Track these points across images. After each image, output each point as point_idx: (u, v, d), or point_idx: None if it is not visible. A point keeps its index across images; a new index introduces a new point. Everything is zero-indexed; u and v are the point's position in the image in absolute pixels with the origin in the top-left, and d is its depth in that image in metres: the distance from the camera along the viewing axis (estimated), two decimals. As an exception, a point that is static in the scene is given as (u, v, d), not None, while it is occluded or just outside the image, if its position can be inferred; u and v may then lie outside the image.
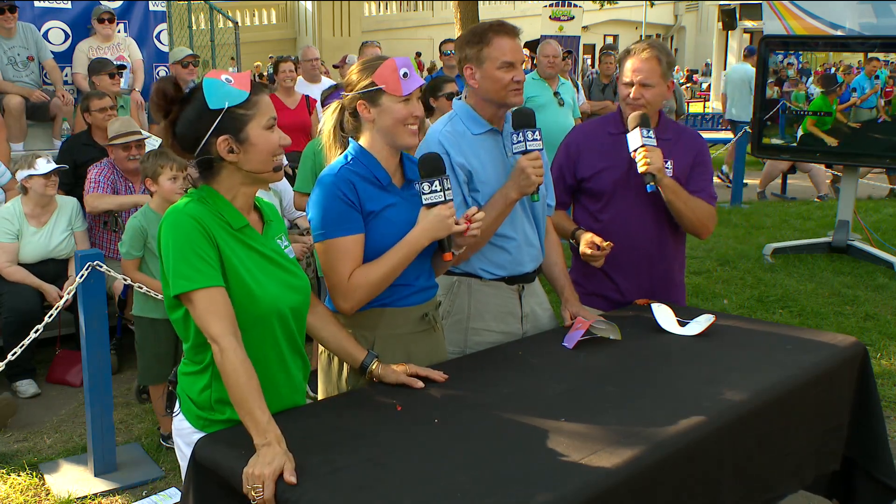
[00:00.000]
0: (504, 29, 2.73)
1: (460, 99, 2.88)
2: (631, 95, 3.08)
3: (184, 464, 2.19)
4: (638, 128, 3.02)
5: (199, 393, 2.13)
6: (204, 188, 2.11)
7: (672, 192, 3.06)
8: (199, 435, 2.10)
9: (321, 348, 2.59)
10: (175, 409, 2.23)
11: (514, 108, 2.75)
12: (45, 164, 4.84)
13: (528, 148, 2.67)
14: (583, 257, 3.09)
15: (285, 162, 3.96)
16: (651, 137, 3.01)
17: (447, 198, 2.40)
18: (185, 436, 2.18)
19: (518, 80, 2.72)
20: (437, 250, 2.49)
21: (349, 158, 2.44)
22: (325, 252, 2.40)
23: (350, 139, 2.51)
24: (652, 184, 3.01)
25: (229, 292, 2.02)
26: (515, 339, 2.85)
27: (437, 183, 2.39)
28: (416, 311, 2.54)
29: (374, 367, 2.37)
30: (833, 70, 7.14)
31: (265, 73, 17.53)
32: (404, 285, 2.49)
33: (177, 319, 2.10)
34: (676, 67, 27.90)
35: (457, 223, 2.41)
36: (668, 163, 3.10)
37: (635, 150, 3.02)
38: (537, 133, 2.68)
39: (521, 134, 2.67)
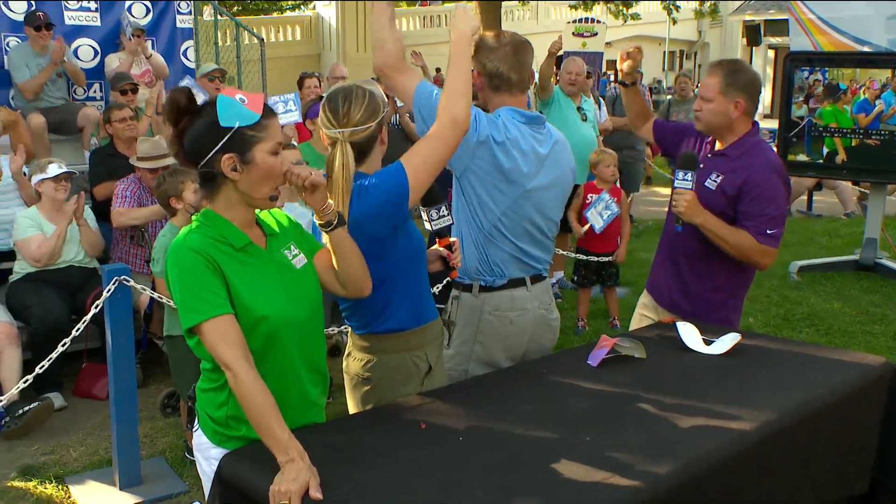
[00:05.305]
0: None
1: None
2: (694, 107, 3.28)
3: (204, 478, 2.22)
4: (681, 169, 3.12)
5: (216, 409, 2.15)
6: (205, 212, 2.13)
7: (705, 229, 3.13)
8: (218, 450, 2.13)
9: (345, 364, 2.60)
10: (195, 425, 2.25)
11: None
12: (55, 168, 4.94)
13: (434, 228, 2.63)
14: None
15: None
16: (687, 180, 3.10)
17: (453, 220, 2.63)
18: (203, 451, 2.21)
19: None
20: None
21: None
22: None
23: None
24: (679, 225, 3.16)
25: (236, 316, 2.03)
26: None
27: (443, 208, 2.58)
28: (440, 320, 2.69)
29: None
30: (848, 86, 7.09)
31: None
32: (430, 296, 2.64)
33: (194, 345, 2.12)
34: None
35: (451, 248, 2.63)
36: (716, 175, 3.19)
37: (674, 189, 3.15)
38: (444, 209, 2.61)
39: (428, 213, 2.62)
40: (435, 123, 2.45)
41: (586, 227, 5.82)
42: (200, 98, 2.11)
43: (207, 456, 2.18)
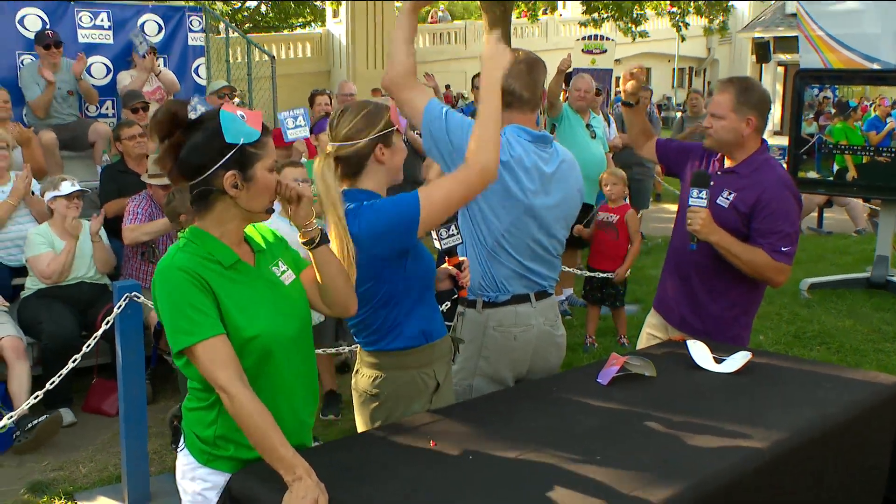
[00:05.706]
0: None
1: None
2: (704, 123, 3.28)
3: (186, 498, 2.17)
4: (694, 187, 3.12)
5: (204, 428, 2.11)
6: (191, 230, 2.10)
7: (720, 247, 3.12)
8: (204, 470, 2.11)
9: (354, 381, 2.60)
10: (180, 445, 2.22)
11: None
12: (68, 186, 4.98)
13: (444, 246, 2.65)
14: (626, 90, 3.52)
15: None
16: (701, 198, 3.10)
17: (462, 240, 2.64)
18: (188, 471, 2.16)
19: None
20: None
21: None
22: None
23: (351, 190, 2.49)
24: (693, 243, 3.14)
25: (227, 335, 2.00)
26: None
27: (452, 227, 2.59)
28: (448, 338, 2.68)
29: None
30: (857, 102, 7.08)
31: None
32: (439, 314, 2.62)
33: (181, 365, 2.07)
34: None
35: (460, 268, 2.63)
36: (728, 193, 3.19)
37: (689, 207, 3.14)
38: (453, 228, 2.64)
39: (437, 231, 2.62)
40: (463, 167, 2.41)
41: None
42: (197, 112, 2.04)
43: (193, 476, 2.14)
